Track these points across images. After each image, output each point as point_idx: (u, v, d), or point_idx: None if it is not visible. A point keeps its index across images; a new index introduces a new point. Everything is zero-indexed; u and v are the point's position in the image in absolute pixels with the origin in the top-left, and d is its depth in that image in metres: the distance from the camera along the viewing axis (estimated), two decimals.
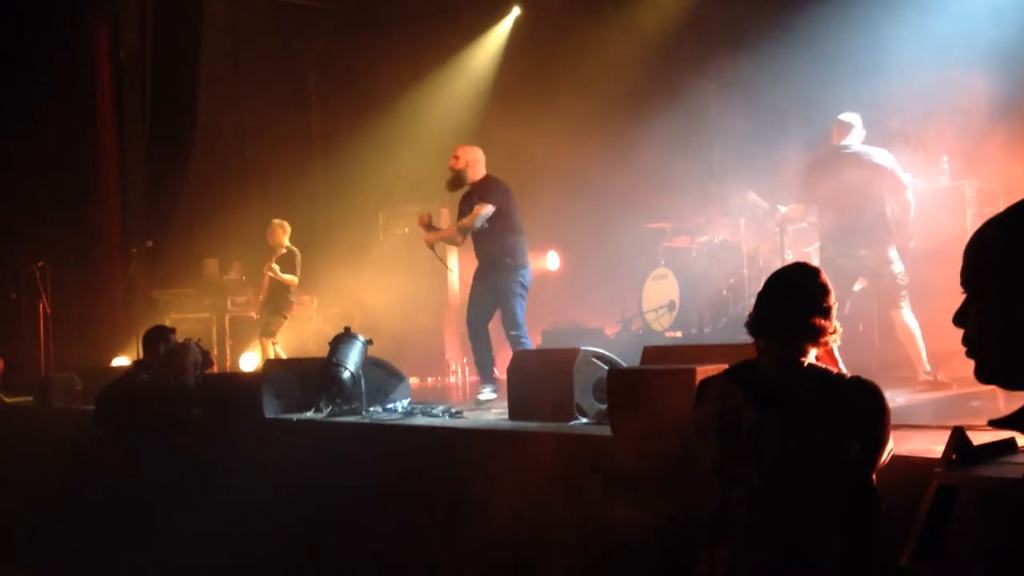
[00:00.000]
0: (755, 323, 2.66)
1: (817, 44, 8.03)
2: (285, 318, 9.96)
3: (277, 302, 9.90)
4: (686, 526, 2.92)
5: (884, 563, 2.40)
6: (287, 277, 9.78)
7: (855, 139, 6.52)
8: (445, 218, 11.20)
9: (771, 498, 2.38)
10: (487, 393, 6.68)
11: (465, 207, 7.14)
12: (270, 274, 9.78)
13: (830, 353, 2.70)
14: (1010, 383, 1.39)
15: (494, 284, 7.01)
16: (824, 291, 2.65)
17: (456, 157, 7.14)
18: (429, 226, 7.35)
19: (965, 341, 1.42)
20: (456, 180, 7.15)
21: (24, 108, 11.21)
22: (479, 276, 7.16)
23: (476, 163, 7.12)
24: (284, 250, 9.92)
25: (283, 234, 9.98)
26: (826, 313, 2.61)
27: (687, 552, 2.77)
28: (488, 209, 6.90)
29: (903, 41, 7.66)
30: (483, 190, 7.01)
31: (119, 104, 11.96)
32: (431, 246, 7.46)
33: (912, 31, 7.60)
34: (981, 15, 7.35)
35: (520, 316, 7.01)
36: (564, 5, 11.24)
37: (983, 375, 1.40)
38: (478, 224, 6.91)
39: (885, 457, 2.53)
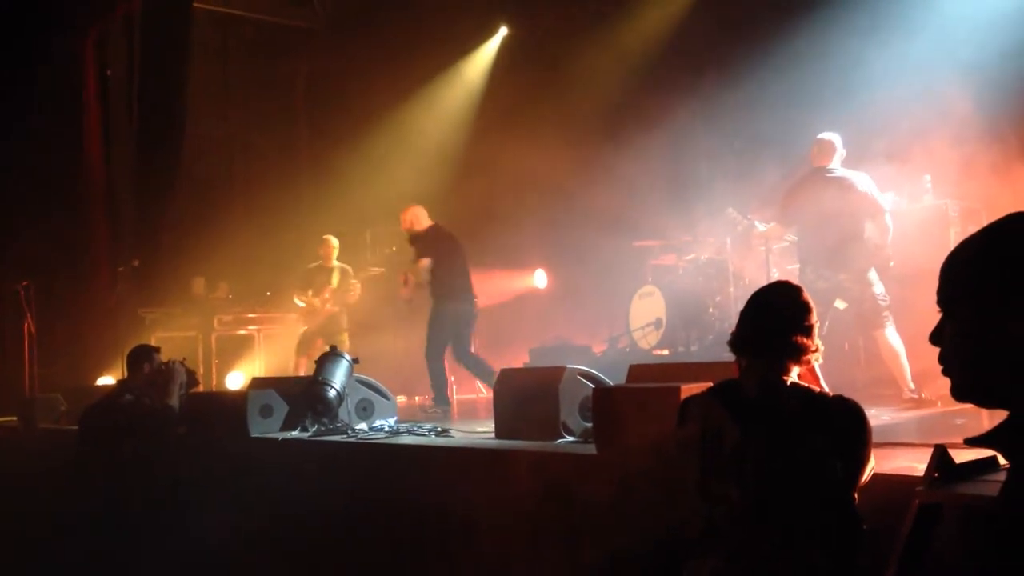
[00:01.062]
0: (737, 341, 2.67)
1: (801, 64, 8.09)
2: (347, 332, 10.03)
3: (338, 320, 9.93)
4: (671, 543, 2.92)
5: None
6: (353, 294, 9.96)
7: (836, 161, 6.55)
8: None
9: (753, 516, 2.38)
10: (436, 411, 7.72)
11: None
12: (352, 292, 9.87)
13: (812, 371, 2.71)
14: (985, 401, 1.40)
15: (444, 318, 8.15)
16: (806, 309, 2.66)
17: (402, 220, 8.50)
18: (405, 283, 8.48)
19: (941, 360, 1.43)
20: (410, 239, 8.47)
21: (10, 126, 11.17)
22: (433, 313, 8.27)
23: (417, 218, 8.42)
24: (339, 266, 10.04)
25: (335, 250, 10.10)
26: (808, 331, 2.62)
27: (673, 569, 2.77)
28: (426, 263, 8.14)
29: (886, 61, 7.72)
30: (421, 244, 8.27)
31: (106, 122, 11.94)
32: (407, 301, 8.56)
33: (895, 51, 7.67)
34: (961, 36, 7.43)
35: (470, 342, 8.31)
36: (551, 25, 11.31)
37: (959, 393, 1.41)
38: (425, 277, 8.16)
39: (866, 476, 2.53)
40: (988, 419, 4.66)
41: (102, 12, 11.85)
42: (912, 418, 5.58)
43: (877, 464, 2.64)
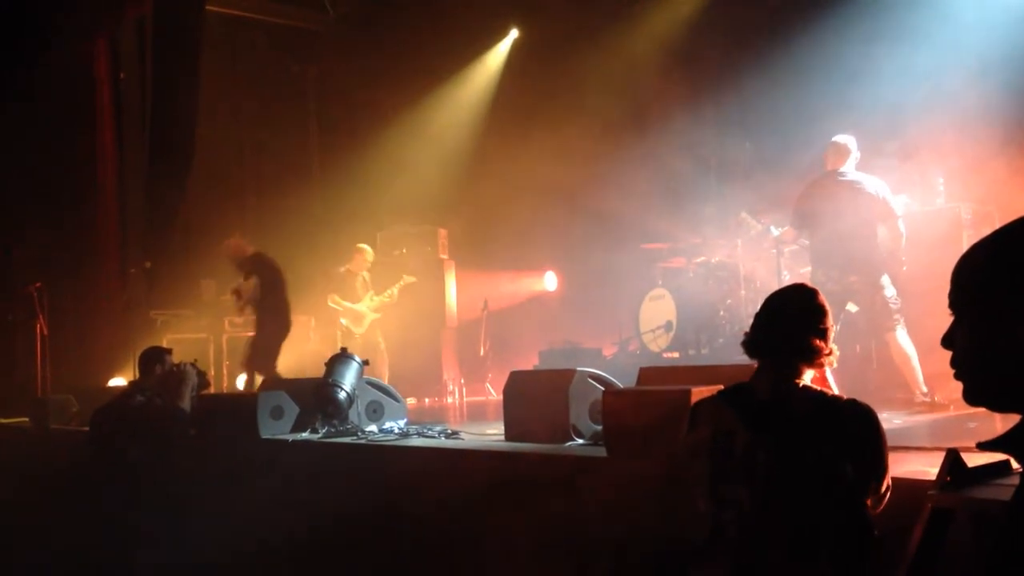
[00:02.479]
0: (751, 343, 2.65)
1: (813, 66, 8.07)
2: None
3: (378, 326, 10.38)
4: (681, 547, 2.90)
5: None
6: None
7: (850, 164, 6.53)
8: (443, 237, 11.24)
9: (761, 520, 2.36)
10: None
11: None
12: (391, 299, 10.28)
13: (823, 375, 2.69)
14: (997, 405, 1.39)
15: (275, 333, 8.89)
16: (821, 312, 2.64)
17: (225, 249, 9.26)
18: (239, 297, 9.26)
19: (953, 364, 1.42)
20: (238, 264, 9.21)
21: (23, 129, 11.23)
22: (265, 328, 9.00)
23: (240, 248, 9.19)
24: (367, 275, 10.40)
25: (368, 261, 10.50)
26: (822, 335, 2.60)
27: (680, 573, 2.76)
28: (254, 280, 9.03)
29: (898, 64, 7.69)
30: (249, 266, 9.11)
31: (118, 125, 11.99)
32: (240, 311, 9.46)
33: (907, 54, 7.63)
34: (974, 38, 7.40)
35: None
36: (561, 27, 11.29)
37: (971, 397, 1.40)
38: (255, 294, 9.01)
39: (887, 482, 2.50)
40: (1001, 423, 4.64)
41: (114, 15, 11.90)
42: (924, 422, 5.55)
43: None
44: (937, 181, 7.65)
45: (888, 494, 2.53)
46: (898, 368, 6.27)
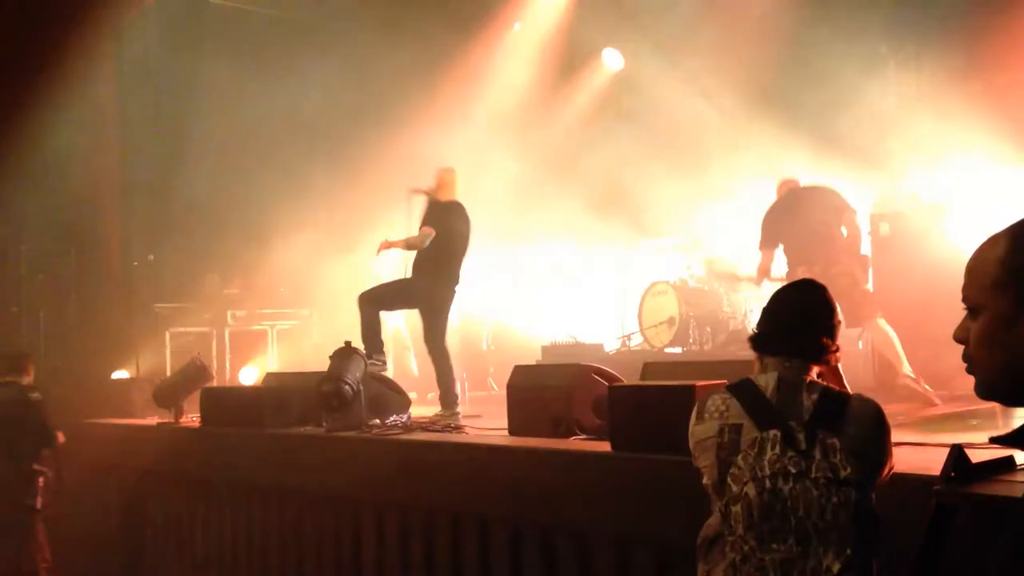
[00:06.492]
0: (758, 338, 2.66)
1: (831, 61, 8.16)
2: None
3: None
4: (685, 541, 2.92)
5: None
6: None
7: (799, 183, 7.11)
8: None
9: (767, 515, 2.38)
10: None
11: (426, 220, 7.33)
12: None
13: (835, 372, 2.71)
14: (1009, 400, 1.40)
15: (431, 300, 7.27)
16: (829, 309, 2.66)
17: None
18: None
19: (966, 357, 1.43)
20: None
21: (25, 116, 11.21)
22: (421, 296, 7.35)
23: (447, 185, 7.50)
24: None
25: None
26: (831, 331, 2.62)
27: (687, 568, 2.78)
28: (430, 232, 7.15)
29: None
30: (440, 213, 7.30)
31: (122, 113, 11.97)
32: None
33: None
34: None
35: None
36: (564, 19, 11.27)
37: (983, 391, 1.41)
38: (424, 243, 7.15)
39: (885, 474, 2.53)
40: (1003, 419, 4.66)
41: (118, 4, 11.87)
42: (926, 417, 5.58)
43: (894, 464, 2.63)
44: (916, 174, 7.75)
45: (888, 476, 2.55)
46: (880, 353, 6.45)
